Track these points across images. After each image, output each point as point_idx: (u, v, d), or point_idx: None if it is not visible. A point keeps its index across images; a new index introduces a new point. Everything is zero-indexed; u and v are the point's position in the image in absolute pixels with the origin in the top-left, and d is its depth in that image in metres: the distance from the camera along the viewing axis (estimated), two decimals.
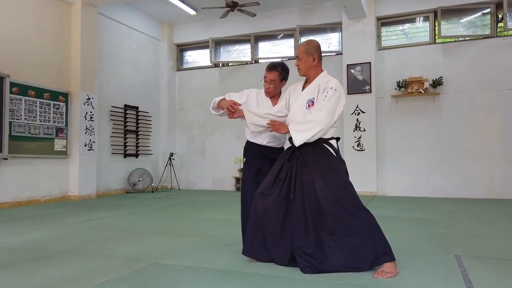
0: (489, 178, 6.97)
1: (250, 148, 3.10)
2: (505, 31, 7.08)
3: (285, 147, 2.92)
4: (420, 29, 7.78)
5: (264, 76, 3.01)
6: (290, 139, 2.67)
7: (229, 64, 9.27)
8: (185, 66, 9.89)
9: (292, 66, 2.81)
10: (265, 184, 2.72)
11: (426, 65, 7.41)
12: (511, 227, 4.09)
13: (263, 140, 3.03)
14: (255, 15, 7.64)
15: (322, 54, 2.83)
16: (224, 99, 2.99)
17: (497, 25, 7.15)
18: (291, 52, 8.64)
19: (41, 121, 6.42)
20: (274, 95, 3.09)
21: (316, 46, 2.70)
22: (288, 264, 2.54)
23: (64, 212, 5.35)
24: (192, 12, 8.55)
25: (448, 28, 7.49)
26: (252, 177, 3.01)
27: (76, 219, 4.66)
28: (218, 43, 9.35)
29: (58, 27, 6.83)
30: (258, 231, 2.67)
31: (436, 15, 7.42)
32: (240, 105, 2.94)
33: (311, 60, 2.66)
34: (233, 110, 2.87)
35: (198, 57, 9.81)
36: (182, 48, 9.87)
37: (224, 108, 2.92)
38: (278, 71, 2.96)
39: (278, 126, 2.68)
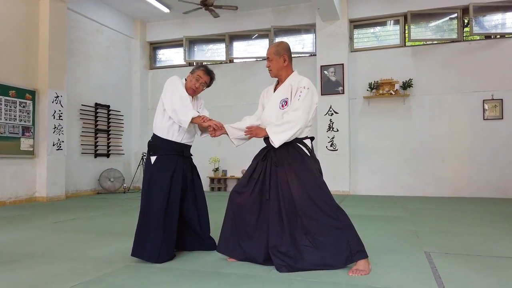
0: (456, 177, 7.23)
1: (163, 145, 2.83)
2: (470, 36, 7.38)
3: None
4: (391, 32, 7.99)
5: (199, 76, 2.92)
6: (267, 139, 2.69)
7: (204, 63, 9.20)
8: (158, 65, 9.74)
9: (266, 67, 2.83)
10: (240, 183, 2.75)
11: (397, 67, 7.61)
12: (476, 224, 4.25)
13: (179, 136, 2.86)
14: (236, 8, 7.54)
15: (296, 55, 2.86)
16: (199, 116, 2.76)
17: (463, 29, 7.43)
18: (265, 53, 8.63)
19: (6, 119, 6.15)
20: (196, 95, 3.01)
21: (286, 47, 2.74)
22: (263, 263, 2.55)
23: (31, 214, 5.15)
24: (165, 9, 8.44)
25: (418, 31, 7.72)
26: (168, 183, 2.73)
27: (43, 221, 4.49)
28: (192, 42, 9.26)
29: (25, 22, 6.56)
30: (233, 228, 2.68)
31: (406, 19, 7.63)
32: (221, 126, 2.78)
33: (282, 61, 2.70)
34: (216, 128, 2.75)
35: (172, 56, 9.69)
36: (155, 46, 9.72)
37: (206, 126, 2.76)
38: (212, 78, 2.99)
39: (255, 131, 2.67)
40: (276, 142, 2.54)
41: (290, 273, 2.38)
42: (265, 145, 2.76)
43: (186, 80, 2.97)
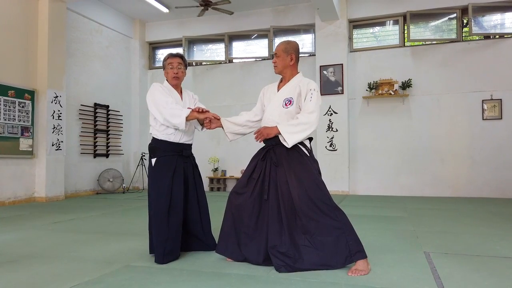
0: (455, 177, 7.24)
1: (161, 147, 2.83)
2: (470, 36, 7.38)
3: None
4: (390, 32, 7.99)
5: (170, 63, 2.90)
6: (267, 139, 2.68)
7: (203, 63, 9.20)
8: (157, 65, 9.73)
9: (265, 66, 2.84)
10: (240, 183, 2.74)
11: (396, 67, 7.61)
12: (475, 224, 4.26)
13: (176, 137, 2.84)
14: (232, 13, 7.59)
15: None
16: (192, 111, 2.75)
17: (462, 29, 7.44)
18: (265, 53, 8.64)
19: (5, 119, 6.15)
20: (181, 81, 2.97)
21: (295, 47, 2.74)
22: (262, 263, 2.55)
23: (30, 214, 5.15)
24: (164, 10, 8.43)
25: (417, 32, 7.72)
26: (169, 183, 2.72)
27: (43, 222, 4.49)
28: (192, 42, 9.26)
29: (24, 22, 6.55)
30: (232, 229, 2.68)
31: (405, 19, 7.64)
32: (219, 118, 2.81)
33: (289, 59, 2.70)
34: (213, 121, 2.78)
35: None
36: (154, 46, 9.72)
37: (202, 119, 2.78)
38: (180, 56, 2.95)
39: (266, 132, 2.63)
40: (290, 142, 2.54)
41: (290, 273, 2.38)
42: (264, 144, 2.75)
43: (166, 79, 2.97)
